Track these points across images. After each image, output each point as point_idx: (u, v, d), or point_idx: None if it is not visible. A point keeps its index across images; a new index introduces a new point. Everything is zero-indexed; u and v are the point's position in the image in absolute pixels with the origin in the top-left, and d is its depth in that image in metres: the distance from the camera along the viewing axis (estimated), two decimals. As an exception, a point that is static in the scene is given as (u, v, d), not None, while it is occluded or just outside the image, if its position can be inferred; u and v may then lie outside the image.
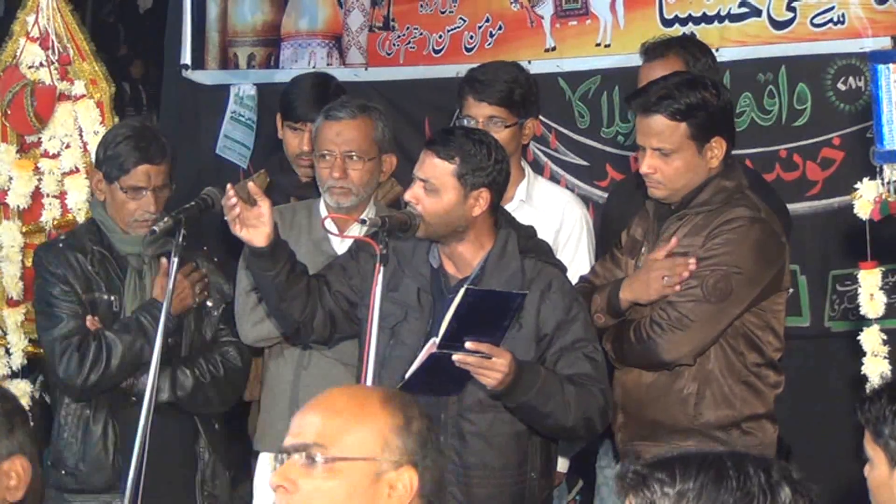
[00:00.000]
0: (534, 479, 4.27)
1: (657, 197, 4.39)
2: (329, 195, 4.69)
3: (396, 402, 2.64)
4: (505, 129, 4.86)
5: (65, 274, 4.71)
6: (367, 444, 2.58)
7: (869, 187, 4.03)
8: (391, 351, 4.22)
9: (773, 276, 4.30)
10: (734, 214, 4.27)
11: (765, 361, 4.36)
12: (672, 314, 4.26)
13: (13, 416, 3.09)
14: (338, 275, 4.40)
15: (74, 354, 4.64)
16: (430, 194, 4.18)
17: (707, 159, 4.29)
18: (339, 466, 2.57)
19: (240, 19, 7.17)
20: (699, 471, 2.13)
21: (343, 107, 4.72)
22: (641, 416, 4.38)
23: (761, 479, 2.12)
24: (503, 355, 4.02)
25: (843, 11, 5.45)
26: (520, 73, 4.97)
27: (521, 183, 4.96)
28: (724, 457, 2.16)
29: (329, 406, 2.65)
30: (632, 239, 4.51)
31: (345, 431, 2.59)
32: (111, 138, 4.78)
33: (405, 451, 2.59)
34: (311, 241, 4.74)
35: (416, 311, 4.26)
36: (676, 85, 4.30)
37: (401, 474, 2.58)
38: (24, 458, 3.07)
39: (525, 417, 4.20)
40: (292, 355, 4.71)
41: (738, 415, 4.32)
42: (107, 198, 4.78)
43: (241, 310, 4.71)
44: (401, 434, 2.59)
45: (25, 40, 5.39)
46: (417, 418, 2.63)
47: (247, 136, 6.98)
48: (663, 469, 2.16)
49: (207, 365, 4.77)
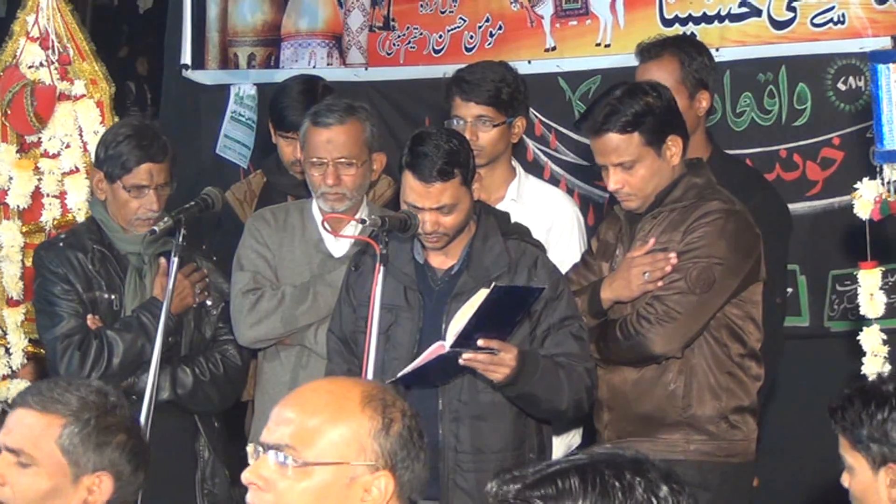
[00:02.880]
0: (532, 459, 4.31)
1: (632, 209, 4.43)
2: (323, 201, 4.69)
3: (377, 402, 2.60)
4: (493, 128, 4.86)
5: (65, 273, 4.72)
6: (341, 448, 2.55)
7: (869, 187, 4.03)
8: (387, 354, 4.24)
9: (751, 265, 4.36)
10: (710, 208, 4.33)
11: (747, 352, 4.41)
12: (659, 308, 4.29)
13: (110, 432, 3.04)
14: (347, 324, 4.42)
15: (76, 353, 4.64)
16: (448, 213, 4.22)
17: (668, 159, 4.35)
18: (311, 470, 2.55)
19: (240, 19, 7.17)
20: (583, 486, 2.07)
21: (330, 112, 4.69)
22: (630, 413, 4.42)
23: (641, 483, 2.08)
24: (510, 350, 4.07)
25: (843, 11, 5.45)
26: (507, 73, 4.96)
27: (513, 182, 4.97)
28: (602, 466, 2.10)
29: (307, 404, 2.62)
30: (603, 243, 4.56)
31: (319, 434, 2.56)
32: (112, 138, 4.78)
33: (381, 455, 2.56)
34: (305, 241, 4.75)
35: (406, 311, 4.29)
36: (619, 98, 4.34)
37: (377, 478, 2.55)
38: (111, 477, 3.03)
39: (523, 404, 4.25)
40: (289, 356, 4.72)
41: (725, 407, 4.35)
42: (108, 197, 4.78)
43: (238, 311, 4.71)
44: (378, 437, 2.56)
45: (25, 40, 5.39)
46: (398, 420, 2.59)
47: (247, 136, 6.98)
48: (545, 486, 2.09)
49: (207, 363, 4.78)
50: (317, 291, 4.67)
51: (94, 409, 3.04)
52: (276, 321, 4.66)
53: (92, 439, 3.02)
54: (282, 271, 4.73)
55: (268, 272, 4.72)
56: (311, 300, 4.66)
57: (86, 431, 3.02)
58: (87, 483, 3.01)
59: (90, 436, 3.02)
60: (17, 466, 3.01)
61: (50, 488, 3.00)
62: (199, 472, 4.80)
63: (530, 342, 4.27)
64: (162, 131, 4.88)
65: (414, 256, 4.35)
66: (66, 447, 3.01)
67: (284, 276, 4.73)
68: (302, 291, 4.67)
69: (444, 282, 4.31)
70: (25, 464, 3.01)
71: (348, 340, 4.39)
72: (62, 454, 3.01)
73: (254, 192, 5.41)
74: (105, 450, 3.02)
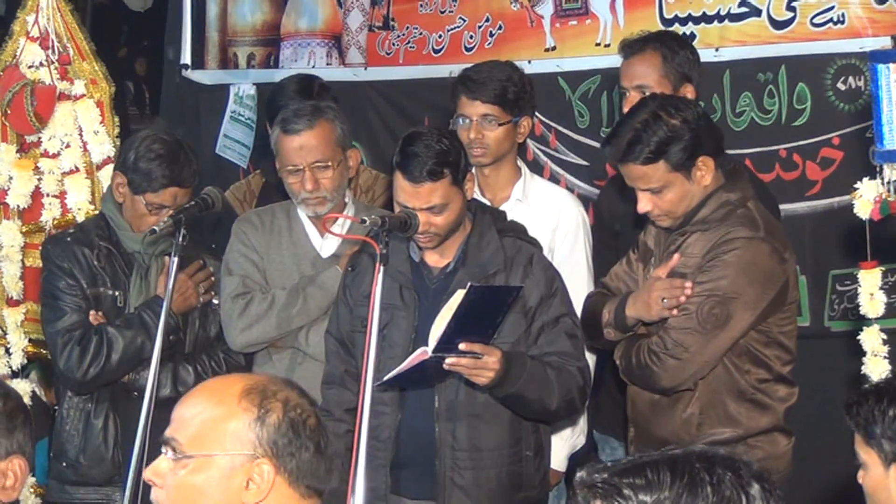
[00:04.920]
0: (529, 458, 4.32)
1: (665, 227, 4.35)
2: (304, 207, 4.69)
3: (255, 394, 2.65)
4: (499, 127, 4.87)
5: (70, 268, 4.73)
6: (216, 439, 2.62)
7: (869, 187, 4.02)
8: (383, 354, 4.23)
9: (773, 296, 4.23)
10: (732, 235, 4.20)
11: (772, 377, 4.30)
12: (668, 343, 4.22)
13: (14, 415, 3.10)
14: (344, 324, 4.42)
15: (75, 348, 4.66)
16: (439, 213, 4.21)
17: (698, 180, 4.24)
18: (190, 462, 2.62)
19: (239, 19, 7.18)
20: (673, 477, 2.10)
21: (298, 117, 4.68)
22: (649, 433, 4.37)
23: (732, 479, 2.10)
24: (493, 353, 4.06)
25: (842, 11, 5.45)
26: (513, 72, 4.97)
27: (518, 182, 4.96)
28: (693, 459, 2.13)
29: (192, 398, 2.70)
30: (644, 245, 4.49)
31: (195, 426, 2.64)
32: (144, 151, 4.69)
33: (259, 444, 2.61)
34: (291, 242, 4.75)
35: (402, 310, 4.29)
36: (643, 125, 4.19)
37: (256, 466, 2.60)
38: (23, 459, 3.08)
39: (511, 405, 4.25)
40: (282, 360, 4.72)
41: (744, 432, 4.27)
42: (126, 201, 4.75)
43: (228, 316, 4.71)
44: (254, 427, 2.61)
45: (25, 40, 5.39)
46: (277, 410, 2.63)
47: (246, 136, 6.98)
48: (634, 475, 2.13)
49: (210, 362, 4.79)
50: (307, 294, 4.66)
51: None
52: (267, 324, 4.66)
53: (1, 426, 3.08)
54: (270, 274, 4.73)
55: (256, 275, 4.71)
56: (302, 302, 4.66)
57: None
58: (3, 468, 3.08)
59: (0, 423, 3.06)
60: None
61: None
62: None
63: (525, 339, 4.27)
64: (193, 150, 4.80)
65: (410, 255, 4.35)
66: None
67: (273, 279, 4.72)
68: (292, 294, 4.66)
69: (439, 280, 4.31)
70: None
71: (345, 341, 4.39)
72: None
73: (253, 192, 5.41)
74: (13, 434, 3.08)
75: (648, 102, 4.33)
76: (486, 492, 4.25)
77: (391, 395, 4.24)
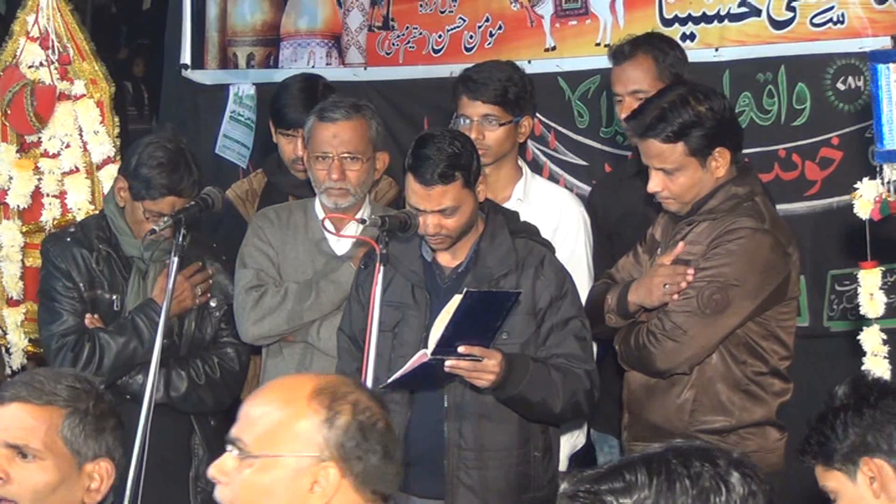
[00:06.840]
0: (537, 458, 4.33)
1: (671, 211, 4.39)
2: (327, 196, 4.70)
3: (325, 395, 2.62)
4: (500, 127, 4.87)
5: (68, 269, 4.72)
6: (283, 440, 2.59)
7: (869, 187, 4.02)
8: (394, 352, 4.24)
9: (774, 288, 4.28)
10: (737, 225, 4.25)
11: (768, 370, 4.34)
12: (667, 324, 4.26)
13: (105, 418, 3.09)
14: (356, 322, 4.42)
15: (69, 354, 4.66)
16: (451, 215, 4.22)
17: (712, 170, 4.28)
18: (256, 462, 2.59)
19: (239, 19, 7.18)
20: (650, 476, 2.11)
21: (337, 107, 4.72)
22: (642, 419, 4.40)
23: (709, 471, 2.11)
24: (493, 356, 4.07)
25: (842, 11, 5.45)
26: (514, 72, 4.97)
27: (519, 182, 4.97)
28: (669, 455, 2.14)
29: (260, 398, 2.67)
30: (651, 237, 4.53)
31: (263, 427, 2.61)
32: (146, 157, 4.66)
33: (327, 447, 2.58)
34: (308, 240, 4.76)
35: (414, 309, 4.30)
36: (670, 105, 4.26)
37: (323, 469, 2.58)
38: (110, 463, 3.07)
39: (515, 407, 4.25)
40: (293, 354, 4.72)
41: (736, 422, 4.30)
42: (127, 206, 4.73)
43: (241, 307, 4.72)
44: (322, 429, 2.58)
45: (25, 40, 5.40)
46: (347, 412, 2.60)
47: (246, 136, 6.98)
48: (612, 480, 2.13)
49: (203, 366, 4.78)
50: (320, 288, 4.68)
51: (88, 398, 3.08)
52: (280, 318, 4.67)
53: (90, 427, 3.05)
54: (285, 269, 4.74)
55: (271, 270, 4.73)
56: (315, 297, 4.67)
57: (85, 420, 3.05)
58: (90, 470, 3.04)
59: (89, 424, 3.06)
60: (20, 462, 3.02)
61: (57, 480, 3.02)
62: (193, 470, 4.80)
63: (535, 340, 4.27)
64: (196, 159, 4.77)
65: (422, 254, 4.36)
66: (69, 437, 3.04)
67: (287, 274, 4.74)
68: (305, 288, 4.68)
69: (451, 280, 4.32)
70: (29, 458, 3.02)
71: (357, 338, 4.39)
72: (65, 445, 3.03)
73: (255, 191, 5.41)
74: (102, 436, 3.06)
75: (679, 86, 4.40)
76: (494, 492, 4.26)
77: (401, 393, 4.24)
